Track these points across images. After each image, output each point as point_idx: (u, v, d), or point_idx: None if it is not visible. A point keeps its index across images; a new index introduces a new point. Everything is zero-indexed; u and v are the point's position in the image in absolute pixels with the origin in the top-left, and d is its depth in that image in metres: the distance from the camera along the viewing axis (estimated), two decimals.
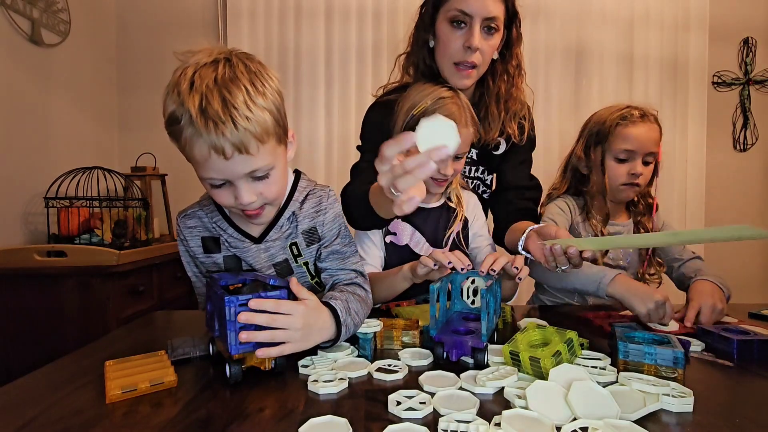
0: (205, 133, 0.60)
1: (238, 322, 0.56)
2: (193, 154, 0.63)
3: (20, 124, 1.67)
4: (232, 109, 0.60)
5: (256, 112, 0.62)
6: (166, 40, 2.23)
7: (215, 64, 0.63)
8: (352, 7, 2.20)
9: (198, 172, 0.66)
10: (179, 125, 0.61)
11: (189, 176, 1.85)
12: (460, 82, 1.04)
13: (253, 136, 0.62)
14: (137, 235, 1.70)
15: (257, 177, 0.66)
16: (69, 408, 0.50)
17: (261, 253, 0.77)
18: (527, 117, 1.15)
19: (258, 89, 0.63)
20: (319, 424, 0.46)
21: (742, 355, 0.68)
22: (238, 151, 0.61)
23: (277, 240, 0.78)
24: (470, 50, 1.00)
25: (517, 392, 0.52)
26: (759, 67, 2.45)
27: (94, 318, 1.47)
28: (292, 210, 0.78)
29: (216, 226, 0.77)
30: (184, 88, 0.61)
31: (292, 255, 0.79)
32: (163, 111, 0.64)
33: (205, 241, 0.78)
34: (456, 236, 1.06)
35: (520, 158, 1.17)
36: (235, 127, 0.60)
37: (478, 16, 0.98)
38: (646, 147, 1.07)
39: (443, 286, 0.71)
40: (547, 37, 2.27)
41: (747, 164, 2.50)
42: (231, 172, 0.64)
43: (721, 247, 2.44)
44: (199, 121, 0.59)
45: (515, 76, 1.11)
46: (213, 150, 0.61)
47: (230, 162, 0.62)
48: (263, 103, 0.63)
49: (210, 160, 0.62)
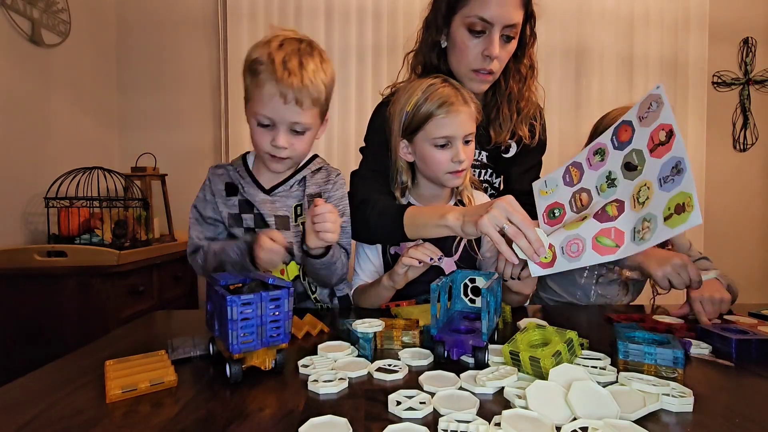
0: (279, 78, 0.78)
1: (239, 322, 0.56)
2: (261, 92, 0.80)
3: (20, 124, 1.67)
4: (303, 70, 0.79)
5: (318, 81, 0.82)
6: (166, 40, 2.23)
7: (299, 42, 0.84)
8: (352, 7, 2.20)
9: (254, 109, 0.83)
10: (259, 67, 0.80)
11: (189, 176, 1.88)
12: (479, 87, 1.02)
13: (308, 96, 0.81)
14: (137, 235, 1.70)
15: (295, 130, 0.84)
16: (69, 408, 0.50)
17: (267, 203, 0.92)
18: (539, 118, 1.12)
19: (323, 68, 0.84)
20: (319, 424, 0.46)
21: (741, 355, 0.68)
22: (295, 101, 0.80)
23: (284, 196, 0.93)
24: (489, 59, 0.97)
25: (517, 392, 0.52)
26: (759, 67, 2.45)
27: (94, 318, 1.47)
28: (303, 175, 0.94)
29: (238, 174, 0.93)
30: (274, 45, 0.80)
31: (294, 214, 0.93)
32: (247, 57, 0.83)
33: (228, 186, 0.94)
34: (467, 243, 1.03)
35: (530, 163, 1.14)
36: (301, 82, 0.79)
37: (498, 24, 0.95)
38: None
39: (444, 285, 0.71)
40: (547, 37, 2.26)
41: (747, 164, 2.50)
42: (281, 116, 0.82)
43: (720, 247, 2.44)
44: (279, 68, 0.78)
45: (528, 77, 1.09)
46: (279, 92, 0.79)
47: (285, 107, 0.80)
48: (324, 78, 0.83)
49: (271, 101, 0.80)
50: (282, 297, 0.60)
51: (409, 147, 0.99)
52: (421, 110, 0.93)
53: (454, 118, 0.92)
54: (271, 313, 0.59)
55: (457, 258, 1.02)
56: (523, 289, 0.89)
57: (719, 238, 2.45)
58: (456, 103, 0.92)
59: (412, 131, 0.96)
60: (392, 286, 0.92)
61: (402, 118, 0.97)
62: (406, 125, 0.97)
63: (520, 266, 0.86)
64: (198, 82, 2.26)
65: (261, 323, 0.58)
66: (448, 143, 0.93)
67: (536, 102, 1.12)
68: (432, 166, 0.96)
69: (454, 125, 0.92)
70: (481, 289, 0.73)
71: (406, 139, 0.99)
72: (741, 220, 2.51)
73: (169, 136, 2.25)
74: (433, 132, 0.93)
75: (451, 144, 0.93)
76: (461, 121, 0.92)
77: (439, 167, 0.95)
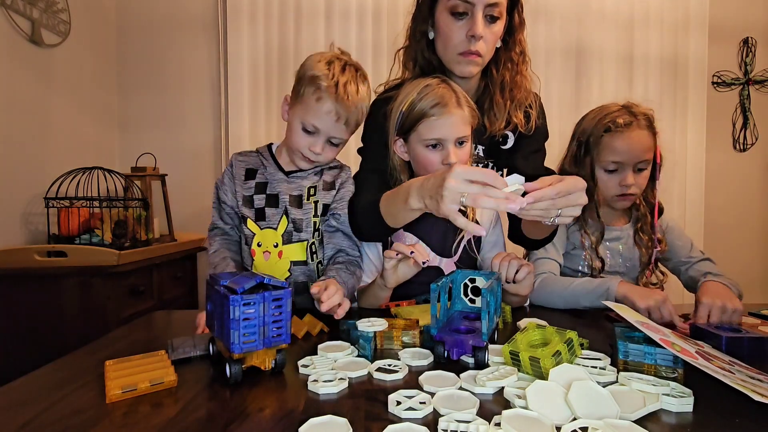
0: (337, 98, 0.90)
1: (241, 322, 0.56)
2: (321, 105, 0.91)
3: (20, 124, 1.67)
4: (356, 95, 0.92)
5: (364, 106, 0.97)
6: (166, 40, 2.23)
7: (356, 69, 0.96)
8: (352, 7, 2.20)
9: (305, 117, 0.93)
10: (323, 83, 0.90)
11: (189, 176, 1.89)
12: (466, 69, 1.01)
13: (355, 118, 0.95)
14: (137, 235, 1.70)
15: (332, 142, 0.97)
16: (69, 408, 0.50)
17: (285, 183, 1.00)
18: (534, 105, 1.10)
19: (368, 95, 0.98)
20: (319, 424, 0.46)
21: (731, 352, 0.68)
22: (344, 120, 0.93)
23: (301, 179, 1.00)
24: (474, 39, 0.96)
25: (517, 392, 0.52)
26: (759, 67, 2.45)
27: (94, 318, 1.47)
28: (320, 168, 1.03)
29: (261, 157, 1.03)
30: (338, 68, 0.92)
31: (307, 194, 1.00)
32: (308, 67, 0.95)
33: (248, 171, 1.02)
34: (467, 244, 1.02)
35: (533, 148, 1.11)
36: (355, 106, 0.93)
37: (480, 3, 0.94)
38: (636, 156, 1.03)
39: (444, 285, 0.71)
40: (547, 37, 2.27)
41: (747, 164, 2.50)
42: (327, 130, 0.94)
43: (720, 247, 2.44)
44: (342, 90, 0.90)
45: (519, 64, 1.07)
46: (335, 110, 0.91)
47: (335, 124, 0.93)
48: (367, 104, 0.99)
49: (328, 116, 0.92)
50: (284, 297, 0.60)
51: (405, 146, 1.00)
52: (414, 110, 0.94)
53: (445, 120, 0.91)
54: (274, 314, 0.59)
55: (456, 259, 1.02)
56: (520, 290, 0.89)
57: (719, 238, 2.45)
58: (449, 105, 0.91)
59: (406, 131, 0.97)
60: (384, 284, 0.92)
61: (398, 117, 0.97)
62: (401, 124, 0.97)
63: (515, 268, 0.86)
64: (198, 82, 2.25)
65: (263, 323, 0.58)
66: (439, 145, 0.93)
67: (530, 89, 1.10)
68: (425, 168, 0.95)
69: (445, 127, 0.91)
70: (481, 289, 0.73)
71: (402, 138, 0.99)
72: (741, 219, 2.51)
73: (169, 136, 2.25)
74: (425, 133, 0.93)
75: (442, 146, 0.93)
76: (453, 123, 0.92)
77: (431, 168, 0.94)
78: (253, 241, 0.97)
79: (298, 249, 0.98)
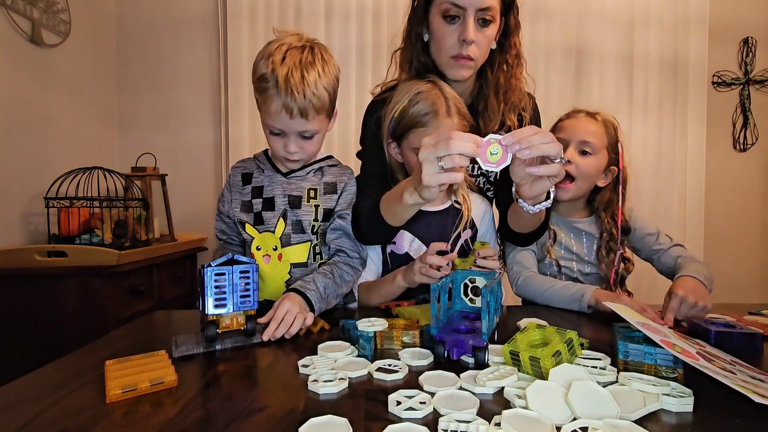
0: (284, 95, 0.83)
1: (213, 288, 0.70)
2: (269, 106, 0.86)
3: (20, 124, 1.67)
4: (305, 83, 0.83)
5: (320, 90, 0.86)
6: (166, 40, 2.23)
7: (302, 49, 0.87)
8: (352, 7, 2.20)
9: (265, 120, 0.90)
10: (267, 84, 0.84)
11: (189, 176, 1.90)
12: (459, 72, 1.01)
13: (312, 107, 0.86)
14: (137, 235, 1.70)
15: (305, 136, 0.90)
16: (69, 408, 0.50)
17: (283, 184, 0.98)
18: (527, 108, 1.10)
19: (325, 73, 0.87)
20: (319, 424, 0.46)
21: (720, 347, 0.68)
22: (300, 114, 0.85)
23: (300, 179, 0.98)
24: (465, 43, 0.97)
25: (517, 392, 0.52)
26: (759, 67, 2.45)
27: (94, 318, 1.47)
28: (319, 166, 1.00)
29: (259, 162, 1.01)
30: (277, 59, 0.84)
31: (306, 196, 0.98)
32: (255, 70, 0.88)
33: (244, 176, 1.01)
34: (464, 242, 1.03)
35: None
36: (303, 96, 0.84)
37: (471, 7, 0.95)
38: (579, 135, 1.08)
39: (444, 285, 0.71)
40: (547, 37, 2.27)
41: (747, 164, 2.50)
42: (289, 128, 0.88)
43: (720, 247, 2.44)
44: (282, 85, 0.82)
45: (514, 66, 1.07)
46: (284, 108, 0.84)
47: (292, 120, 0.86)
48: (326, 84, 0.87)
49: (279, 115, 0.86)
50: (251, 270, 0.73)
51: (398, 149, 1.01)
52: (405, 118, 0.95)
53: (435, 131, 0.91)
54: (242, 284, 0.72)
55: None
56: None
57: (719, 238, 2.45)
58: (439, 115, 0.92)
59: (398, 137, 0.98)
60: (406, 286, 0.94)
61: (390, 123, 0.98)
62: (392, 130, 0.99)
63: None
64: (198, 82, 2.26)
65: (233, 291, 0.72)
66: None
67: (524, 91, 1.11)
68: None
69: None
70: (481, 289, 0.74)
71: (396, 142, 1.00)
72: (741, 219, 2.51)
73: (169, 136, 2.25)
74: (415, 142, 0.93)
75: None
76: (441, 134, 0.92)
77: None
78: (252, 244, 0.97)
79: (298, 251, 0.97)
